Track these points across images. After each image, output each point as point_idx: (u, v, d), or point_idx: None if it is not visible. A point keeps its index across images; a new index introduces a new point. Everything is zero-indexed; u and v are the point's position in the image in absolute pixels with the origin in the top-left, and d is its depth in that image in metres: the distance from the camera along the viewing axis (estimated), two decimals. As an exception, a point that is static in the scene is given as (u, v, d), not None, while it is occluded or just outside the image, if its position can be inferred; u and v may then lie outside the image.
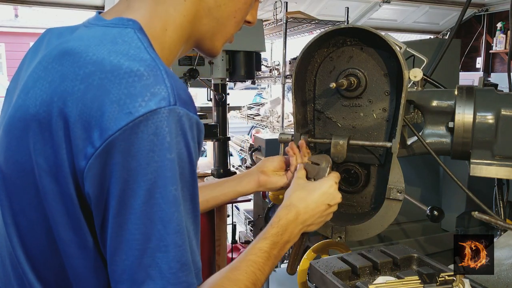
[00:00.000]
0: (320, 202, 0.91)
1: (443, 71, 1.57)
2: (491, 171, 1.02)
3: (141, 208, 0.56)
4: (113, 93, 0.57)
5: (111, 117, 0.56)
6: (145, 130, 0.56)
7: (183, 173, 0.59)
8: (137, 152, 0.56)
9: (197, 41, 0.79)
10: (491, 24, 5.58)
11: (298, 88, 1.12)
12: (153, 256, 0.57)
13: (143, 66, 0.59)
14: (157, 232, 0.57)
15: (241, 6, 0.78)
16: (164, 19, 0.71)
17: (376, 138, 1.10)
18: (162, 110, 0.57)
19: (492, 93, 1.04)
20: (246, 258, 0.77)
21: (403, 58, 1.00)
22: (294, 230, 0.87)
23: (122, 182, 0.56)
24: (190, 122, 0.60)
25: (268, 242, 0.81)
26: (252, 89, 8.89)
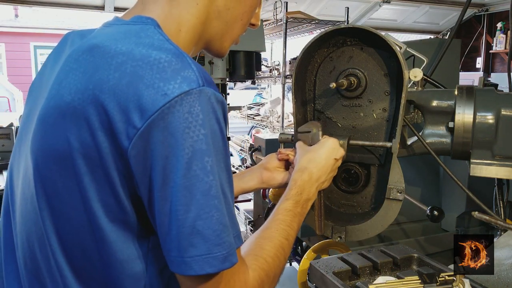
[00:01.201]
0: (328, 157, 0.98)
1: (443, 71, 1.57)
2: (491, 171, 1.02)
3: (181, 181, 0.61)
4: (147, 78, 0.62)
5: (149, 99, 0.61)
6: (181, 109, 0.61)
7: (217, 146, 0.64)
8: (175, 130, 0.61)
9: (207, 42, 0.84)
10: (491, 24, 5.58)
11: (298, 88, 1.12)
12: (193, 224, 0.61)
13: (170, 54, 0.64)
14: (196, 202, 0.61)
15: (247, 9, 0.83)
16: (178, 20, 0.76)
17: (376, 138, 1.10)
18: (194, 91, 0.62)
19: (492, 93, 1.04)
20: (275, 218, 0.85)
21: (403, 58, 1.00)
22: (311, 189, 0.94)
23: (163, 158, 0.61)
24: (217, 101, 0.65)
25: (291, 202, 0.89)
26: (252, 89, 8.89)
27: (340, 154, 1.00)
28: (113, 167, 0.64)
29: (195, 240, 0.62)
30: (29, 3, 3.25)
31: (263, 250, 0.76)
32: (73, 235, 0.68)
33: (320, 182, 0.97)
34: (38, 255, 0.71)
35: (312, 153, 0.99)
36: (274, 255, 0.77)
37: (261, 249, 0.77)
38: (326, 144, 1.00)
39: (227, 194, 0.66)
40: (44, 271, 0.70)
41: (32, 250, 0.72)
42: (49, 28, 11.89)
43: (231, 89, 3.66)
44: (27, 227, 0.73)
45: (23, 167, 0.74)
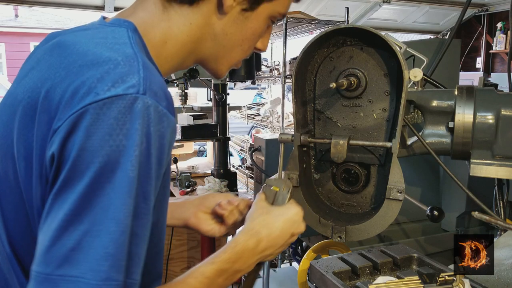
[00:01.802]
0: (285, 230, 0.83)
1: (443, 71, 1.57)
2: (491, 171, 1.02)
3: (84, 189, 0.56)
4: (88, 77, 0.59)
5: (80, 97, 0.57)
6: (107, 113, 0.56)
7: (141, 166, 0.58)
8: (94, 133, 0.56)
9: (201, 61, 0.81)
10: (491, 24, 5.58)
11: (298, 88, 1.12)
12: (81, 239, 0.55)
13: (121, 57, 0.61)
14: (92, 216, 0.55)
15: (248, 36, 0.79)
16: (165, 33, 0.73)
17: (376, 138, 1.10)
18: (128, 96, 0.57)
19: (492, 93, 1.04)
20: (184, 280, 0.71)
21: (403, 58, 1.00)
22: (250, 260, 0.79)
23: (74, 160, 0.56)
24: (157, 115, 0.59)
25: (215, 268, 0.73)
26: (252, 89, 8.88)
27: (299, 230, 0.85)
28: (42, 169, 0.60)
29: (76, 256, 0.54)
30: (29, 3, 3.25)
31: None
32: (20, 236, 0.66)
33: (265, 254, 0.81)
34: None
35: (270, 218, 0.83)
36: None
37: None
38: (290, 213, 0.85)
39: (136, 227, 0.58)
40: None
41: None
42: (49, 28, 11.89)
43: (231, 89, 3.66)
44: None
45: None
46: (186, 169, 3.13)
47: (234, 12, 0.75)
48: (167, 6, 0.73)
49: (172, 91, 3.50)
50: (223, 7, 0.73)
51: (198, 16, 0.74)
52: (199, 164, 3.43)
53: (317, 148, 1.18)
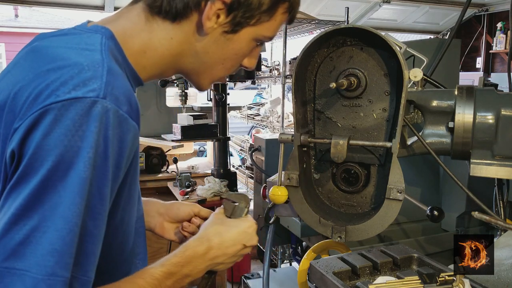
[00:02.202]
0: (237, 240, 0.86)
1: (443, 71, 1.57)
2: (491, 171, 1.02)
3: (37, 186, 0.58)
4: (52, 80, 0.61)
5: (42, 98, 0.60)
6: (65, 114, 0.59)
7: (95, 167, 0.60)
8: (51, 132, 0.58)
9: (182, 73, 0.83)
10: (491, 24, 5.58)
11: (298, 88, 1.12)
12: (29, 235, 0.57)
13: (87, 62, 0.64)
14: (42, 213, 0.57)
15: (230, 56, 0.80)
16: (145, 43, 0.75)
17: (376, 138, 1.10)
18: (87, 99, 0.60)
19: (492, 93, 1.04)
20: (132, 281, 0.72)
21: (403, 58, 1.00)
22: (200, 266, 0.81)
23: (30, 157, 0.58)
24: (116, 119, 0.62)
25: (163, 270, 0.75)
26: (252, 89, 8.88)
27: (252, 242, 0.88)
28: (3, 167, 0.63)
29: (23, 250, 0.56)
30: (29, 3, 3.26)
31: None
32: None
33: (215, 262, 0.83)
34: None
35: (224, 227, 0.87)
36: None
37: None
38: (243, 225, 0.88)
39: (90, 225, 0.60)
40: None
41: None
42: (49, 28, 11.88)
43: (231, 89, 3.66)
44: None
45: None
46: (186, 169, 3.13)
47: (216, 33, 0.76)
48: (150, 18, 0.75)
49: (172, 91, 3.50)
50: (203, 28, 0.75)
51: (180, 32, 0.76)
52: (199, 164, 3.43)
53: (317, 148, 1.18)
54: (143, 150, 3.11)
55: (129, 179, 0.70)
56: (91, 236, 0.62)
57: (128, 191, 0.71)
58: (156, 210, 1.01)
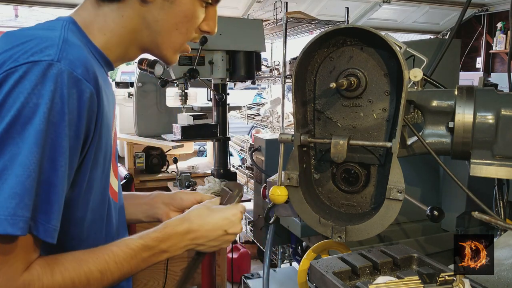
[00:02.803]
0: (218, 225, 0.89)
1: (443, 71, 1.57)
2: (491, 171, 1.02)
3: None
4: (16, 52, 0.69)
5: (5, 66, 0.67)
6: (23, 76, 0.66)
7: (51, 121, 0.67)
8: (11, 92, 0.66)
9: (145, 50, 0.89)
10: (491, 24, 5.58)
11: (298, 88, 1.12)
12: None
13: (46, 34, 0.72)
14: (3, 162, 0.64)
15: (181, 19, 0.85)
16: (102, 26, 0.83)
17: (376, 138, 1.10)
18: (43, 63, 0.67)
19: (492, 93, 1.04)
20: (107, 247, 0.78)
21: (403, 58, 1.00)
22: (178, 244, 0.84)
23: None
24: (71, 80, 0.69)
25: (141, 242, 0.80)
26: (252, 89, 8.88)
27: (234, 230, 0.91)
28: None
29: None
30: (29, 3, 3.25)
31: (60, 267, 0.71)
32: None
33: (195, 243, 0.87)
34: None
35: (207, 211, 0.90)
36: (68, 279, 0.70)
37: (58, 264, 0.71)
38: (227, 212, 0.91)
39: (48, 171, 0.67)
40: None
41: None
42: (49, 28, 11.85)
43: (231, 89, 3.66)
44: None
45: None
46: (186, 169, 3.13)
47: (158, 0, 0.82)
48: (100, 3, 0.83)
49: (172, 91, 3.50)
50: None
51: (127, 8, 0.83)
52: (199, 164, 3.43)
53: (317, 148, 1.18)
54: (143, 150, 3.11)
55: (94, 144, 0.76)
56: (53, 186, 0.68)
57: (95, 156, 0.77)
58: (161, 201, 1.04)
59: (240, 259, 3.59)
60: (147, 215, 1.04)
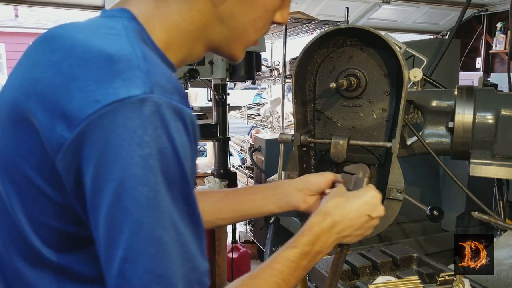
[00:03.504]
0: (361, 212, 0.81)
1: (443, 71, 1.57)
2: (491, 171, 1.02)
3: (109, 211, 0.50)
4: (81, 79, 0.52)
5: (77, 105, 0.50)
6: (114, 121, 0.49)
7: (168, 171, 0.52)
8: (104, 147, 0.50)
9: (212, 48, 0.73)
10: (491, 24, 5.58)
11: (298, 88, 1.12)
12: (121, 267, 0.50)
13: (116, 50, 0.54)
14: (124, 241, 0.50)
15: (260, 14, 0.70)
16: (165, 21, 0.65)
17: (376, 138, 1.10)
18: (134, 99, 0.50)
19: (492, 93, 1.04)
20: (270, 266, 0.71)
21: (403, 58, 1.00)
22: (328, 241, 0.79)
23: (91, 180, 0.51)
24: (174, 113, 0.53)
25: (298, 251, 0.74)
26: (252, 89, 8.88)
27: (377, 213, 0.83)
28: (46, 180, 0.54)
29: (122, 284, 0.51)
30: (29, 3, 3.25)
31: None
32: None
33: (342, 235, 0.80)
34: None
35: (344, 199, 0.82)
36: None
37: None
38: (366, 195, 0.83)
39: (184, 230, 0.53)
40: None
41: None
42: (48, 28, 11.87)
43: (231, 89, 3.66)
44: None
45: None
46: (186, 169, 3.12)
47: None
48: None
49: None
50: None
51: (198, 0, 0.66)
52: (199, 164, 3.43)
53: (317, 148, 1.18)
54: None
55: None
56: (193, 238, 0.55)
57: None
58: (294, 187, 0.94)
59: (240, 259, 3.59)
60: (279, 205, 0.94)
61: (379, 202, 0.83)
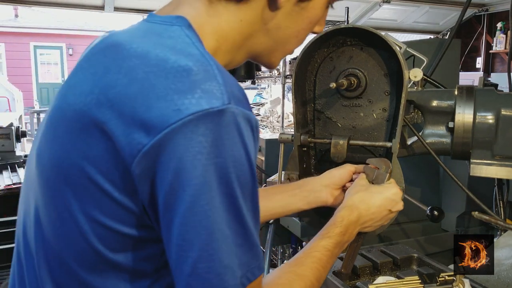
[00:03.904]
0: (383, 206, 0.90)
1: (443, 71, 1.57)
2: (491, 171, 1.02)
3: (185, 214, 0.53)
4: (159, 88, 0.54)
5: (158, 114, 0.52)
6: (195, 130, 0.52)
7: (241, 175, 0.56)
8: (184, 154, 0.52)
9: (253, 56, 0.76)
10: (491, 24, 5.58)
11: (298, 88, 1.12)
12: (195, 266, 0.54)
13: (192, 61, 0.56)
14: (200, 241, 0.54)
15: (305, 26, 0.73)
16: (215, 30, 0.67)
17: (376, 138, 1.10)
18: (214, 110, 0.53)
19: (492, 93, 1.04)
20: (311, 255, 0.78)
21: (403, 58, 1.00)
22: (354, 231, 0.87)
23: (168, 184, 0.53)
24: (246, 121, 0.56)
25: (333, 241, 0.81)
26: (252, 89, 8.89)
27: (397, 208, 0.91)
28: (114, 184, 0.56)
29: (194, 282, 0.54)
30: (29, 3, 3.25)
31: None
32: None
33: (364, 226, 0.90)
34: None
35: (368, 194, 0.90)
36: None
37: (290, 286, 0.70)
38: (389, 191, 0.91)
39: (248, 226, 0.57)
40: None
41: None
42: (48, 28, 11.88)
43: (231, 89, 3.66)
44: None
45: (27, 172, 0.70)
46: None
47: (289, 5, 0.69)
48: (214, 1, 0.66)
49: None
50: (277, 2, 0.67)
51: (249, 12, 0.67)
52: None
53: (317, 148, 1.18)
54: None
55: None
56: (251, 236, 0.59)
57: None
58: (321, 183, 0.99)
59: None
60: (307, 202, 0.99)
61: (399, 199, 0.91)
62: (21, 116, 6.57)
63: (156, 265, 0.62)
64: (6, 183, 2.31)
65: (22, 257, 0.68)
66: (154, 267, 0.62)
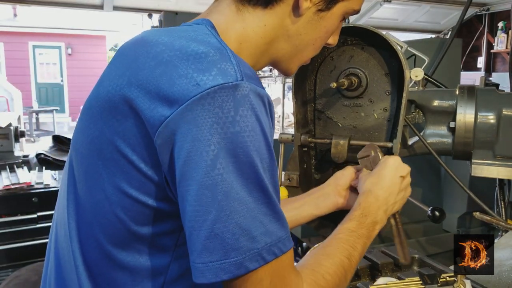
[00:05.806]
0: (392, 176, 0.91)
1: (444, 70, 1.57)
2: (492, 171, 1.02)
3: (202, 180, 0.58)
4: (181, 68, 0.61)
5: (180, 89, 0.59)
6: (212, 103, 0.58)
7: (256, 145, 0.61)
8: (202, 123, 0.58)
9: (273, 61, 0.81)
10: (493, 23, 5.58)
11: (298, 87, 1.12)
12: (212, 227, 0.58)
13: (209, 47, 0.63)
14: (217, 204, 0.58)
15: (322, 34, 0.79)
16: (240, 34, 0.74)
17: (377, 138, 1.09)
18: (229, 85, 0.59)
19: (494, 93, 1.04)
20: (336, 237, 0.81)
21: (404, 57, 0.99)
22: (378, 212, 0.88)
23: (186, 152, 0.58)
24: (257, 96, 0.62)
25: (354, 223, 0.84)
26: (253, 89, 8.86)
27: (405, 171, 0.92)
28: (141, 157, 0.62)
29: (211, 244, 0.58)
30: (28, 2, 3.24)
31: (321, 266, 0.73)
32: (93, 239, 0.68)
33: (389, 204, 0.90)
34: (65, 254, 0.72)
35: (375, 175, 0.93)
36: (333, 273, 0.72)
37: (319, 264, 0.73)
38: (388, 163, 0.93)
39: (269, 194, 0.61)
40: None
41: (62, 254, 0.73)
42: (47, 27, 11.87)
43: (231, 89, 3.66)
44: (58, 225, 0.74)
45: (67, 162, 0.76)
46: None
47: (309, 13, 0.75)
48: (241, 8, 0.73)
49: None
50: (299, 9, 0.73)
51: (273, 18, 0.74)
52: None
53: (318, 148, 1.17)
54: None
55: None
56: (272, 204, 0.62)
57: None
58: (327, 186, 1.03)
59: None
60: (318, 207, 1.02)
61: (401, 162, 0.93)
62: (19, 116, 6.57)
63: (176, 240, 0.67)
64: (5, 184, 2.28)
65: (58, 236, 0.74)
66: (174, 243, 0.67)
